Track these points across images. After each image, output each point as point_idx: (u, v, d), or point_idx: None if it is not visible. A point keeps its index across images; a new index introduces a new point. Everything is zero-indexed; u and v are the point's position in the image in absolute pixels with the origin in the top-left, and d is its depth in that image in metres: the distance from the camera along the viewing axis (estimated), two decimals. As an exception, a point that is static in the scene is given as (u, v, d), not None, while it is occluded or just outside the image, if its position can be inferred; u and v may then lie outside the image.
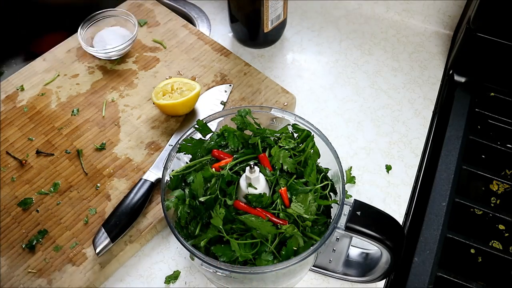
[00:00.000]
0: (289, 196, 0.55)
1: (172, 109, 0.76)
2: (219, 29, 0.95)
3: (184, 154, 0.59)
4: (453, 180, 0.72)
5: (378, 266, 0.58)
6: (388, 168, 0.75)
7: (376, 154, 0.77)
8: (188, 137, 0.59)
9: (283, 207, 0.54)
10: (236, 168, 0.56)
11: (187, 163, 0.59)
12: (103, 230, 0.64)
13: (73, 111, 0.79)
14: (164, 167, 0.57)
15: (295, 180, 0.55)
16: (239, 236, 0.53)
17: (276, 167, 0.56)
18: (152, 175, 0.70)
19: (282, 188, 0.54)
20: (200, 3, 0.99)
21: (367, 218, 0.53)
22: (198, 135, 0.60)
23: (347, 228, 0.52)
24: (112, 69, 0.85)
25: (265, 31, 0.86)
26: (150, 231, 0.68)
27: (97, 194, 0.70)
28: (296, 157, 0.58)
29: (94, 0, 0.99)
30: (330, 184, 0.58)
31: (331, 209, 0.59)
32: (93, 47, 0.85)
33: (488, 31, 0.77)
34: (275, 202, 0.54)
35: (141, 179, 0.69)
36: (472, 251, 0.67)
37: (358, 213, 0.52)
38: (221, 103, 0.79)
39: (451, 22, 0.92)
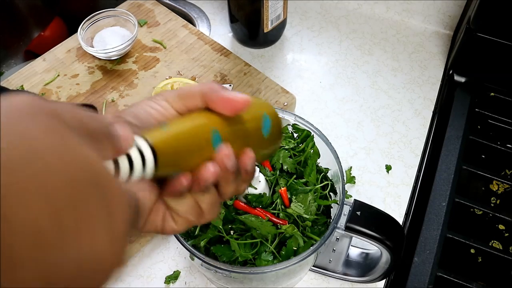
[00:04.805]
0: (289, 196, 0.55)
1: (172, 109, 0.76)
2: (219, 29, 0.95)
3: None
4: (453, 180, 0.72)
5: (378, 266, 0.58)
6: (388, 168, 0.75)
7: (376, 154, 0.77)
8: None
9: (283, 207, 0.54)
10: (236, 168, 0.56)
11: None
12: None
13: (73, 111, 0.79)
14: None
15: (295, 180, 0.55)
16: (239, 236, 0.53)
17: (276, 167, 0.56)
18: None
19: (282, 188, 0.54)
20: (200, 3, 0.99)
21: (367, 218, 0.53)
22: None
23: (347, 228, 0.52)
24: (112, 69, 0.85)
25: (265, 31, 0.86)
26: (150, 231, 0.68)
27: (97, 194, 0.70)
28: (296, 157, 0.58)
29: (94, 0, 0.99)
30: (330, 184, 0.58)
31: (331, 209, 0.59)
32: (93, 47, 0.85)
33: (488, 31, 0.77)
34: (275, 202, 0.54)
35: (141, 179, 0.69)
36: (472, 251, 0.67)
37: (358, 213, 0.52)
38: (221, 103, 0.79)
39: (451, 22, 0.92)
